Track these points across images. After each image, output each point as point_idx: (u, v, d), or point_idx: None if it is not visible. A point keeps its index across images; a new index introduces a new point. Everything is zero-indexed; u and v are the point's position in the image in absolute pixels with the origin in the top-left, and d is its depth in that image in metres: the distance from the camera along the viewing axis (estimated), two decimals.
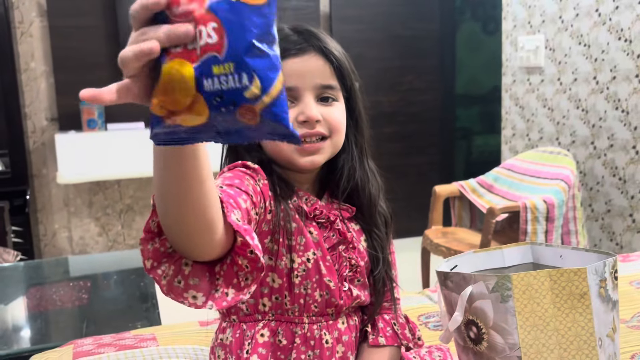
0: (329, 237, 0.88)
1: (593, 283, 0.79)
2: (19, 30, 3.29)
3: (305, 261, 0.83)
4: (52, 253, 3.50)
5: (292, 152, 0.83)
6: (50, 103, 3.38)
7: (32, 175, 3.39)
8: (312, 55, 0.83)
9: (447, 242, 2.59)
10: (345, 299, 0.87)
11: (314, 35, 0.84)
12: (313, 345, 0.84)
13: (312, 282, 0.84)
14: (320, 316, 0.86)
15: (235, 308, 0.85)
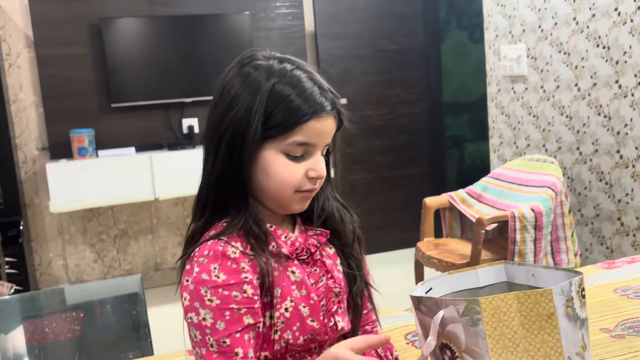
0: (312, 272, 0.89)
1: (560, 303, 0.80)
2: (6, 62, 3.32)
3: (283, 312, 0.84)
4: (48, 282, 3.50)
5: (293, 200, 0.88)
6: (41, 132, 3.41)
7: (25, 205, 3.40)
8: (331, 116, 0.87)
9: (439, 253, 2.61)
10: (330, 334, 0.89)
11: (333, 94, 0.89)
12: None
13: (292, 332, 0.85)
14: (304, 352, 0.87)
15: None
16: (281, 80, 0.84)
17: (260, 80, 0.84)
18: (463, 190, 2.89)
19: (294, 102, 0.83)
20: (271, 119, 0.83)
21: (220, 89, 0.89)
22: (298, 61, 0.90)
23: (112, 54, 3.33)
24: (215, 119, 0.87)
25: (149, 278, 3.64)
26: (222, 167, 0.86)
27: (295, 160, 0.85)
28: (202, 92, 3.53)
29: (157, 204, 3.65)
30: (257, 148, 0.84)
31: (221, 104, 0.87)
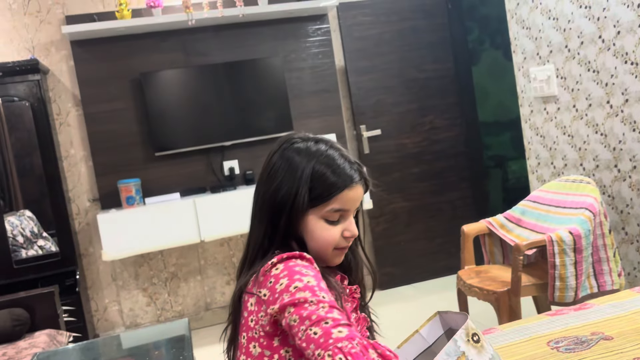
0: (345, 305, 1.01)
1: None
2: (57, 121, 3.55)
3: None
4: (105, 327, 3.66)
5: (332, 256, 1.06)
6: (91, 185, 3.60)
7: (80, 254, 3.59)
8: (360, 185, 1.06)
9: (480, 282, 2.59)
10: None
11: (360, 166, 1.08)
12: None
13: None
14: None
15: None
16: (319, 160, 1.03)
17: (301, 163, 1.03)
18: (501, 215, 2.87)
19: (330, 179, 1.02)
20: (312, 192, 1.01)
21: (268, 170, 1.07)
22: (330, 141, 1.09)
23: (153, 105, 3.51)
24: (267, 195, 1.05)
25: (199, 318, 3.74)
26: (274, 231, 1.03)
27: (333, 223, 1.04)
28: (241, 134, 3.66)
29: (204, 245, 3.77)
30: (303, 216, 1.02)
31: (271, 183, 1.05)
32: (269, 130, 3.68)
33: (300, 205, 1.00)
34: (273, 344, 0.91)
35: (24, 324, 2.68)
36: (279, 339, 0.91)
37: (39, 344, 2.56)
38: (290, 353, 0.90)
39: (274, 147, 1.10)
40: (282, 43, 3.79)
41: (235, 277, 1.06)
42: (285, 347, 0.90)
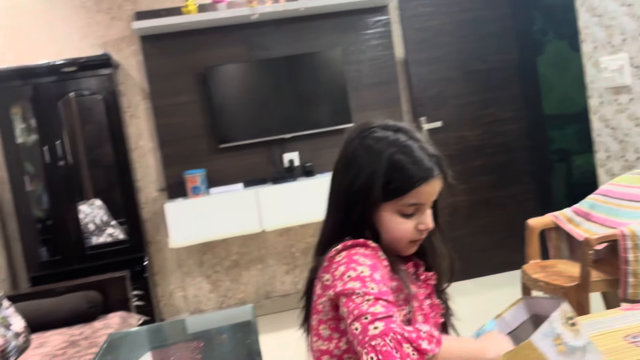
0: (420, 292, 1.02)
1: (547, 347, 0.78)
2: (127, 114, 3.69)
3: (406, 313, 0.95)
4: (170, 312, 3.80)
5: (407, 247, 1.04)
6: (159, 175, 3.74)
7: (148, 242, 3.73)
8: (438, 179, 1.03)
9: (546, 276, 2.54)
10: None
11: (439, 159, 1.04)
12: None
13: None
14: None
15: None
16: (398, 150, 1.00)
17: (380, 152, 0.99)
18: (569, 209, 2.79)
19: (409, 171, 0.99)
20: (389, 185, 0.99)
21: (344, 159, 1.04)
22: (410, 130, 1.04)
23: (218, 98, 3.61)
24: (342, 185, 1.03)
25: (260, 306, 3.83)
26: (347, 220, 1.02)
27: (408, 217, 1.01)
28: (301, 127, 3.71)
29: (265, 235, 3.85)
30: (377, 208, 1.00)
31: (347, 172, 1.02)
32: (328, 123, 3.72)
33: (375, 198, 0.98)
34: (340, 327, 0.93)
35: (98, 305, 2.82)
36: (344, 323, 0.92)
37: (112, 325, 2.69)
38: None
39: (351, 134, 1.05)
40: (341, 36, 3.80)
41: (312, 261, 1.08)
42: None
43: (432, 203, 1.05)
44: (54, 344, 2.53)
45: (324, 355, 0.94)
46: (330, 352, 0.94)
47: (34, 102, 3.41)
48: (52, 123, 3.42)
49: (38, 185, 3.52)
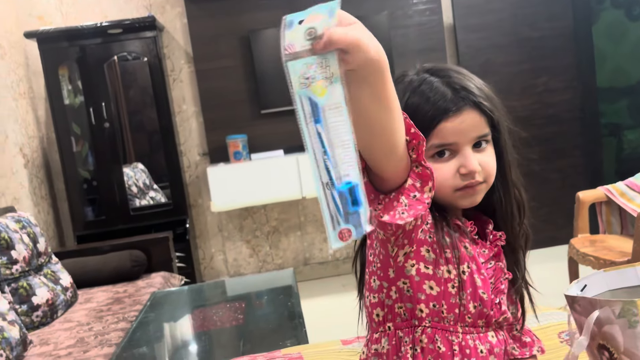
0: (481, 252, 0.93)
1: None
2: (171, 78, 3.70)
3: (460, 273, 0.88)
4: (210, 275, 3.85)
5: (455, 198, 0.91)
6: (201, 139, 3.76)
7: (190, 205, 3.77)
8: (468, 112, 0.88)
9: (596, 250, 2.46)
10: (495, 311, 0.91)
11: (467, 91, 0.89)
12: (469, 354, 0.88)
13: (466, 294, 0.89)
14: (472, 327, 0.90)
15: (392, 314, 0.90)
16: (413, 92, 0.90)
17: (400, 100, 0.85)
18: (622, 183, 2.69)
19: (423, 110, 0.87)
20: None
21: None
22: (445, 68, 0.92)
23: (260, 63, 3.58)
24: None
25: (298, 272, 3.84)
26: None
27: (443, 160, 0.89)
28: None
29: (304, 202, 3.84)
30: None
31: None
32: None
33: None
34: (389, 275, 0.90)
35: (142, 264, 2.88)
36: (393, 270, 0.88)
37: (155, 284, 2.74)
38: (408, 284, 0.88)
39: None
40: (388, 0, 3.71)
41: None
42: (402, 279, 0.88)
43: (473, 141, 0.89)
44: (99, 299, 2.59)
45: (376, 308, 0.92)
46: (382, 304, 0.91)
47: (80, 64, 3.45)
48: (98, 85, 3.46)
49: (84, 147, 3.58)
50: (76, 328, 2.25)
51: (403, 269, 0.88)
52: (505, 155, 0.96)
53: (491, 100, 0.92)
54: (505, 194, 0.96)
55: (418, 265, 0.88)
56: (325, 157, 0.63)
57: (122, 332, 2.13)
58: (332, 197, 0.63)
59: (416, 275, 0.88)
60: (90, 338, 2.12)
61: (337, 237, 0.63)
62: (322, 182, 0.63)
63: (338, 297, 3.49)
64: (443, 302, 0.88)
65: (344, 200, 0.63)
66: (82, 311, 2.45)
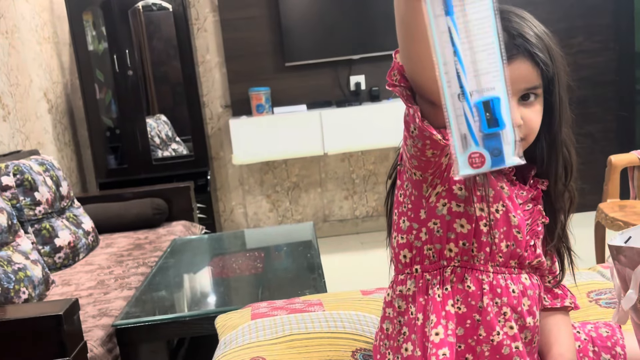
0: (519, 194, 0.89)
1: None
2: (195, 27, 3.64)
3: (494, 211, 0.85)
4: (230, 227, 3.87)
5: None
6: (224, 91, 3.71)
7: (211, 157, 3.76)
8: (521, 62, 0.84)
9: (625, 215, 2.39)
10: (529, 253, 0.88)
11: (523, 38, 0.84)
12: (500, 293, 0.85)
13: (499, 232, 0.85)
14: (504, 267, 0.87)
15: (420, 256, 0.88)
16: None
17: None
18: None
19: None
20: None
21: None
22: (504, 7, 0.85)
23: (286, 14, 3.49)
24: None
25: (318, 229, 3.84)
26: None
27: None
28: (370, 48, 3.56)
29: (326, 159, 3.80)
30: None
31: None
32: (397, 46, 3.53)
33: None
34: (420, 216, 0.86)
35: (163, 212, 2.89)
36: (425, 211, 0.85)
37: (175, 232, 2.75)
38: (438, 225, 0.85)
39: None
40: None
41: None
42: (433, 219, 0.85)
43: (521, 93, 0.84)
44: (120, 245, 2.61)
45: (404, 249, 0.89)
46: (410, 245, 0.88)
47: (104, 10, 3.40)
48: (122, 32, 3.42)
49: (107, 94, 3.57)
50: (97, 271, 2.27)
51: (434, 209, 0.85)
52: (557, 110, 0.90)
53: (549, 52, 0.86)
54: (551, 151, 0.91)
55: (450, 204, 0.84)
56: (455, 58, 0.52)
57: (142, 277, 2.15)
58: (464, 113, 0.52)
59: (447, 215, 0.85)
60: (111, 281, 2.14)
61: (467, 162, 0.53)
62: (451, 93, 0.52)
63: (357, 255, 3.48)
64: (474, 240, 0.85)
65: (477, 118, 0.52)
66: (103, 255, 2.48)
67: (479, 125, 0.52)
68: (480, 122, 0.52)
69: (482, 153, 0.52)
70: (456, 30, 0.51)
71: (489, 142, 0.51)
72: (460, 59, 0.51)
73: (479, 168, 0.52)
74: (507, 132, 0.51)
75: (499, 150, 0.52)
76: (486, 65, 0.52)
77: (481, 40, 0.51)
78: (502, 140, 0.52)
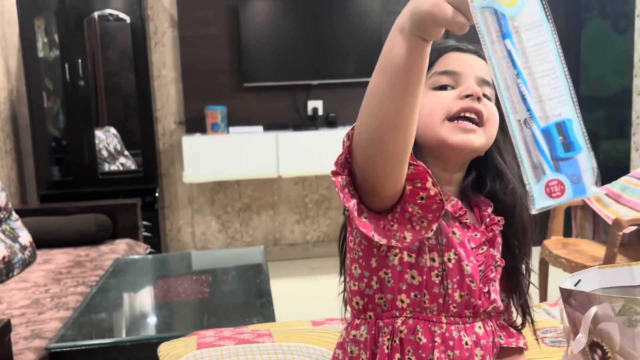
0: (473, 236, 0.86)
1: None
2: (153, 41, 3.58)
3: (446, 261, 0.83)
4: (177, 247, 3.76)
5: (445, 130, 0.82)
6: (179, 107, 3.64)
7: (161, 174, 3.67)
8: (478, 59, 0.86)
9: (568, 253, 2.46)
10: (483, 300, 0.86)
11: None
12: (452, 346, 0.83)
13: (452, 282, 0.83)
14: (458, 317, 0.85)
15: (372, 304, 0.85)
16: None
17: None
18: None
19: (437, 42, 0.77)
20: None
21: None
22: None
23: (247, 34, 3.48)
24: None
25: (267, 252, 3.77)
26: None
27: (444, 89, 0.83)
28: (329, 75, 3.59)
29: (280, 181, 3.77)
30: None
31: None
32: (357, 74, 3.58)
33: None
34: (371, 264, 0.84)
35: (107, 229, 2.78)
36: (376, 260, 0.83)
37: (118, 250, 2.65)
38: (389, 275, 0.83)
39: None
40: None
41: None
42: (384, 269, 0.83)
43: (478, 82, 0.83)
44: (59, 261, 2.49)
45: (356, 296, 0.87)
46: (362, 293, 0.86)
47: (58, 16, 3.30)
48: (75, 41, 3.31)
49: (56, 103, 3.44)
50: (32, 289, 2.15)
51: (386, 259, 0.83)
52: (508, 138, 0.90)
53: None
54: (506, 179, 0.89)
55: (401, 254, 0.82)
56: (519, 80, 0.48)
57: (81, 297, 2.04)
58: (534, 138, 0.47)
59: (399, 265, 0.82)
60: (47, 300, 2.03)
61: (544, 192, 0.47)
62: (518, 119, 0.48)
63: (306, 280, 3.45)
64: (425, 291, 0.83)
65: (551, 142, 0.47)
66: (39, 272, 2.35)
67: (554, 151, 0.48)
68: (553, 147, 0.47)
69: (561, 180, 0.47)
70: (516, 52, 0.48)
71: (567, 167, 0.47)
72: (524, 81, 0.48)
73: (560, 197, 0.48)
74: (583, 158, 0.47)
75: (578, 177, 0.48)
76: (549, 90, 0.49)
77: (541, 66, 0.49)
78: (580, 166, 0.48)
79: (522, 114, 0.48)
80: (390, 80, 0.67)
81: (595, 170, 0.49)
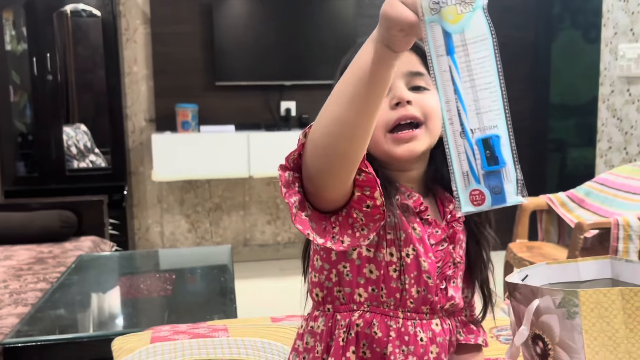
0: (433, 233, 0.87)
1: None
2: (124, 37, 3.54)
3: (404, 256, 0.83)
4: (144, 246, 3.72)
5: (388, 143, 0.83)
6: (149, 105, 3.61)
7: (130, 172, 3.62)
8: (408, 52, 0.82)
9: (532, 256, 2.49)
10: (440, 297, 0.86)
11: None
12: (407, 341, 0.84)
13: (410, 278, 0.83)
14: (415, 313, 0.85)
15: (331, 297, 0.86)
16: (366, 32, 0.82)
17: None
18: (563, 194, 2.74)
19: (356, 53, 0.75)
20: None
21: None
22: None
23: (220, 33, 3.46)
24: None
25: (237, 252, 3.76)
26: None
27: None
28: (302, 76, 3.59)
29: (251, 182, 3.76)
30: None
31: None
32: (331, 76, 3.56)
33: None
34: (331, 257, 0.85)
35: (71, 226, 2.73)
36: (336, 253, 0.84)
37: (83, 247, 2.61)
38: (348, 268, 0.83)
39: None
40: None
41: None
42: (343, 262, 0.84)
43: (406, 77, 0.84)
44: (20, 258, 2.44)
45: (316, 288, 0.87)
46: (321, 285, 0.86)
47: (27, 9, 3.24)
48: (45, 35, 3.26)
49: (22, 98, 3.38)
50: None
51: (345, 253, 0.84)
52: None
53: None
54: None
55: (360, 248, 0.83)
56: (456, 97, 0.52)
57: (41, 293, 2.01)
58: (465, 150, 0.51)
59: (357, 259, 0.83)
60: (5, 296, 1.99)
61: (469, 199, 0.53)
62: (453, 130, 0.52)
63: (275, 281, 3.43)
64: (383, 285, 0.83)
65: (479, 156, 0.52)
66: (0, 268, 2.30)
67: (480, 163, 0.52)
68: (481, 159, 0.52)
69: (483, 191, 0.52)
70: (457, 70, 0.52)
71: (490, 180, 0.51)
72: (460, 98, 0.52)
73: (480, 206, 0.52)
74: (508, 170, 0.51)
75: (499, 189, 0.52)
76: (489, 103, 0.52)
77: (483, 79, 0.52)
78: (503, 179, 0.52)
79: (457, 127, 0.52)
80: (354, 85, 0.68)
81: (520, 181, 0.54)
